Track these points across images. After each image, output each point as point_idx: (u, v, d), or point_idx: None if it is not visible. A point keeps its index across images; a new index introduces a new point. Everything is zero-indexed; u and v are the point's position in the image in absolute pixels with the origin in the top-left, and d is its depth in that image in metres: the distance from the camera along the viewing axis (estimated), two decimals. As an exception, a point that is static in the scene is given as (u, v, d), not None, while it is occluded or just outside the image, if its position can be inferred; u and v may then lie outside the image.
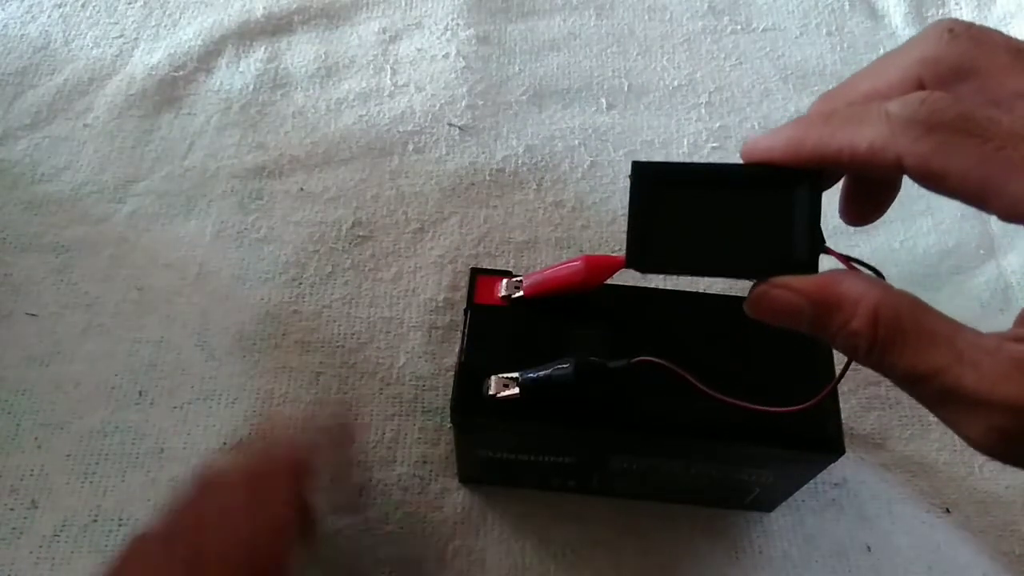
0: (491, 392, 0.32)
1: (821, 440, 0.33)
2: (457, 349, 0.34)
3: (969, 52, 0.21)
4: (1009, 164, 0.19)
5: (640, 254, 0.25)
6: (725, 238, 0.24)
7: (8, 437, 0.43)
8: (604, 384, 0.32)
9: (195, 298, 0.48)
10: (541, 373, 0.32)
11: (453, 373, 0.35)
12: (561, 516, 0.42)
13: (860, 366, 0.22)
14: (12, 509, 0.40)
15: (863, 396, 0.46)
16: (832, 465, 0.43)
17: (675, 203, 0.24)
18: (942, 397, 0.20)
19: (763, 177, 0.23)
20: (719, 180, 0.24)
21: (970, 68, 0.21)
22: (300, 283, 0.49)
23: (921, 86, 0.22)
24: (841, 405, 0.34)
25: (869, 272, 0.23)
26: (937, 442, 0.45)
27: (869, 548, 0.41)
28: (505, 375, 0.32)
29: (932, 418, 0.45)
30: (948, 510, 0.43)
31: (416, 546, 0.41)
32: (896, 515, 0.42)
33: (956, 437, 0.46)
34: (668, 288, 0.37)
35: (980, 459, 0.44)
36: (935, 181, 0.20)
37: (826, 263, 0.24)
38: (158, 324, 0.47)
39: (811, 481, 0.42)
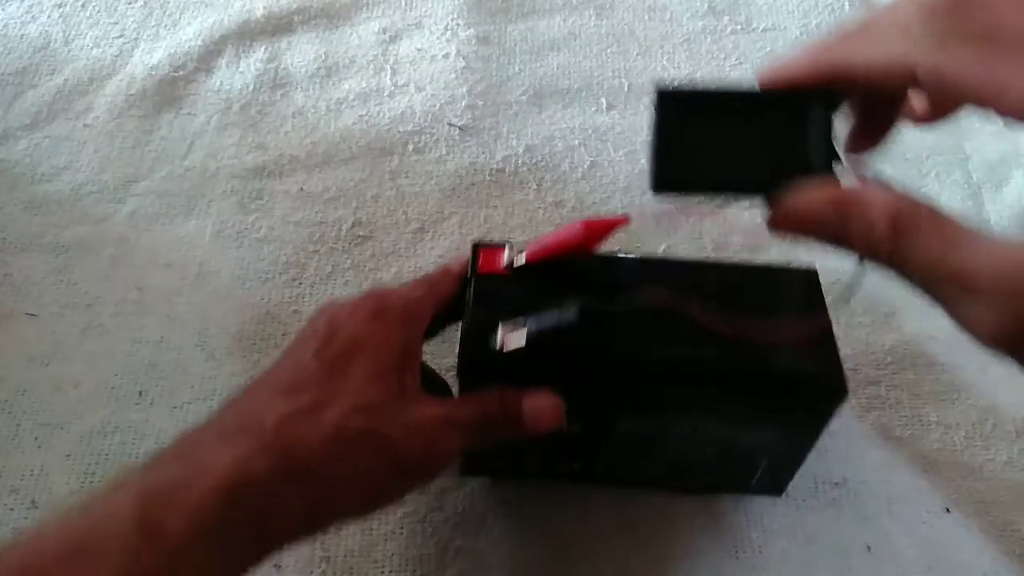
0: (498, 346, 0.33)
1: (823, 381, 0.33)
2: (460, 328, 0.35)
3: None
4: (1016, 62, 0.20)
5: (664, 175, 0.26)
6: (745, 158, 0.25)
7: (8, 437, 0.43)
8: (610, 331, 0.32)
9: (195, 298, 0.48)
10: (547, 321, 0.32)
11: (454, 375, 0.35)
12: (561, 515, 0.42)
13: (861, 367, 0.22)
14: (12, 509, 0.40)
15: (863, 396, 0.46)
16: (832, 465, 0.43)
17: (695, 127, 0.25)
18: (957, 289, 0.21)
19: (780, 99, 0.25)
20: (738, 104, 0.26)
21: None
22: (300, 283, 0.49)
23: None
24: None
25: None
26: (937, 442, 0.45)
27: (869, 548, 0.41)
28: (511, 321, 0.33)
29: (932, 418, 0.46)
30: (948, 510, 0.43)
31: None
32: (896, 515, 0.42)
33: (956, 437, 0.46)
34: (665, 257, 0.38)
35: (980, 459, 0.44)
36: (950, 84, 0.21)
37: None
38: (158, 324, 0.47)
39: (811, 482, 0.42)
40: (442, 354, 0.46)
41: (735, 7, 0.65)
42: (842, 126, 0.27)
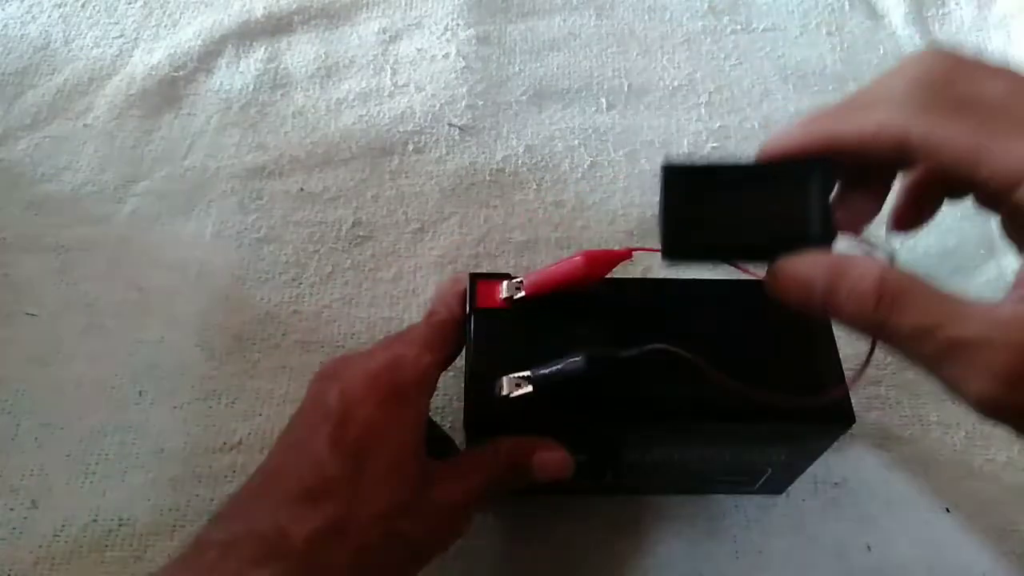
0: (503, 393, 0.32)
1: (831, 412, 0.33)
2: (464, 363, 0.34)
3: (950, 61, 0.24)
4: (995, 131, 0.21)
5: (674, 245, 0.27)
6: (748, 227, 0.26)
7: (8, 437, 0.43)
8: (616, 375, 0.32)
9: (195, 298, 0.48)
10: (553, 368, 0.32)
11: (454, 374, 0.35)
12: (561, 515, 0.41)
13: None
14: (12, 509, 0.40)
15: (863, 396, 0.46)
16: (832, 465, 0.43)
17: (701, 200, 0.27)
18: (944, 351, 0.21)
19: (780, 171, 0.26)
20: (741, 176, 0.27)
21: (953, 69, 0.24)
22: (300, 283, 0.49)
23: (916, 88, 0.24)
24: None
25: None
26: (937, 442, 0.45)
27: (869, 548, 0.41)
28: (516, 375, 0.32)
29: (932, 418, 0.46)
30: (948, 510, 0.43)
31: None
32: (896, 515, 0.42)
33: (956, 437, 0.46)
34: (666, 277, 0.37)
35: (980, 459, 0.44)
36: (934, 151, 0.22)
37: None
38: (158, 324, 0.47)
39: (811, 482, 0.42)
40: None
41: (735, 7, 0.65)
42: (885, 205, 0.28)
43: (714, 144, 0.57)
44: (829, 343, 0.35)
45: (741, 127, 0.58)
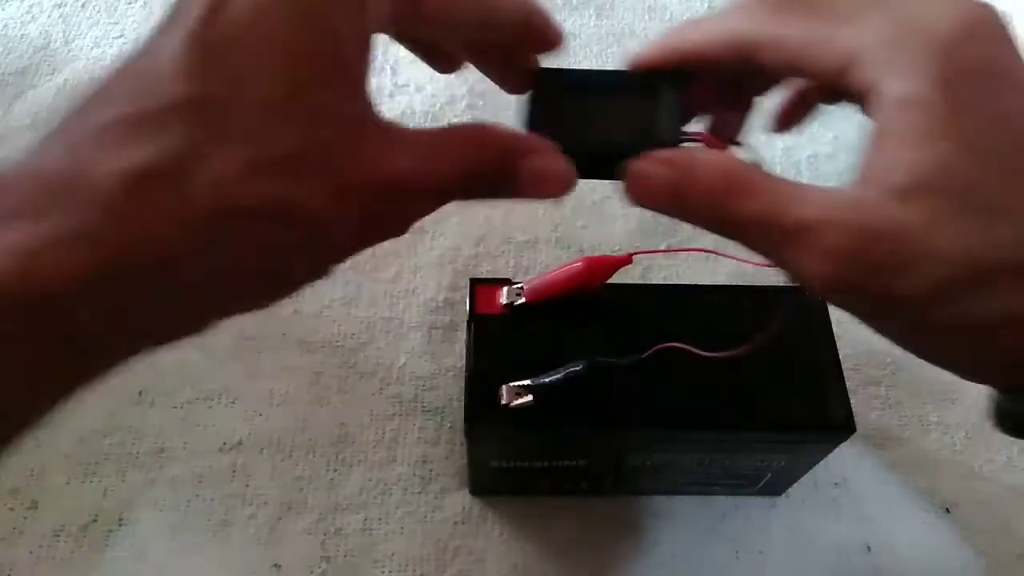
0: (504, 402, 0.32)
1: (832, 421, 0.33)
2: (463, 364, 0.34)
3: None
4: (826, 23, 0.22)
5: (535, 127, 0.28)
6: (601, 131, 0.28)
7: (8, 437, 0.43)
8: (617, 383, 0.32)
9: (195, 298, 0.48)
10: (554, 378, 0.32)
11: (454, 374, 0.35)
12: (561, 516, 0.42)
13: (861, 367, 0.22)
14: (12, 509, 0.40)
15: (863, 396, 0.46)
16: (832, 465, 0.43)
17: (564, 103, 0.28)
18: (788, 234, 0.21)
19: (639, 80, 0.28)
20: (607, 84, 0.29)
21: None
22: (300, 283, 0.49)
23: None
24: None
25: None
26: (937, 442, 0.45)
27: (869, 548, 0.41)
28: (517, 384, 0.32)
29: (932, 418, 0.46)
30: (948, 510, 0.43)
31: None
32: (896, 515, 0.42)
33: (956, 437, 0.46)
34: (665, 283, 0.37)
35: (980, 459, 0.44)
36: (776, 53, 0.23)
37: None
38: (158, 324, 0.47)
39: (811, 482, 0.42)
40: (433, 386, 0.46)
41: (735, 7, 0.65)
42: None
43: (714, 144, 0.57)
44: (831, 348, 0.35)
45: (741, 127, 0.58)
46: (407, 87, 0.59)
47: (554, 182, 0.25)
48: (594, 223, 0.52)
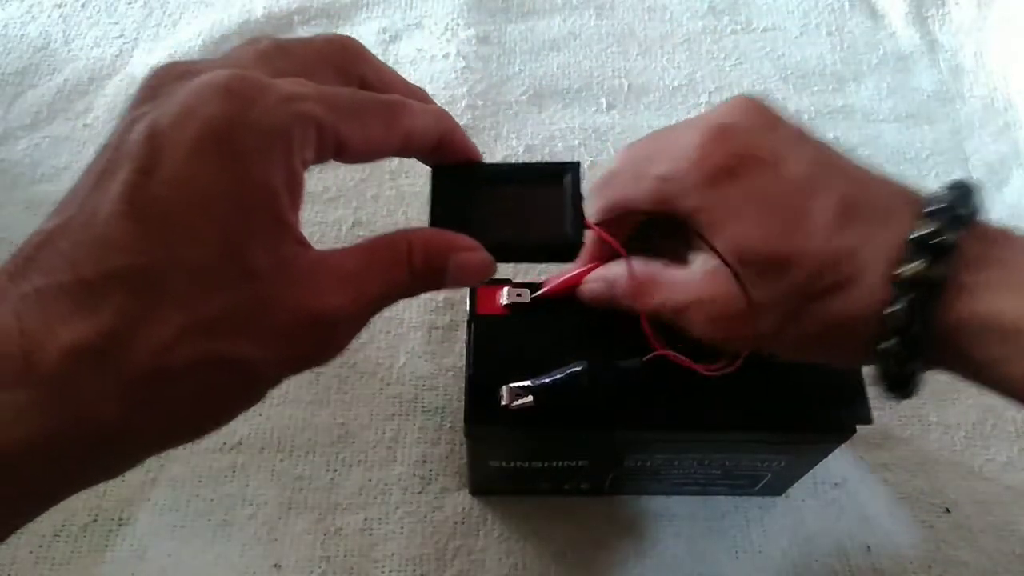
0: (504, 402, 0.32)
1: (831, 422, 0.34)
2: (463, 364, 0.34)
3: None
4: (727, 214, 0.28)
5: (442, 223, 0.28)
6: (506, 224, 0.28)
7: (8, 437, 0.43)
8: (617, 383, 0.32)
9: (195, 298, 0.48)
10: (554, 379, 0.32)
11: (454, 374, 0.35)
12: (561, 516, 0.42)
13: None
14: (12, 509, 0.40)
15: (863, 396, 0.46)
16: (832, 465, 0.43)
17: (467, 198, 0.28)
18: (677, 313, 0.29)
19: (537, 172, 0.29)
20: (504, 177, 0.29)
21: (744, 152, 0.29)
22: (300, 283, 0.49)
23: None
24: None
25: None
26: (937, 442, 0.45)
27: (869, 548, 0.41)
28: (517, 384, 0.32)
29: (932, 418, 0.46)
30: (948, 510, 0.43)
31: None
32: (896, 515, 0.42)
33: (956, 437, 0.46)
34: None
35: (980, 459, 0.44)
36: (688, 218, 0.28)
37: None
38: (158, 324, 0.47)
39: (811, 482, 0.43)
40: (433, 386, 0.46)
41: (735, 7, 0.65)
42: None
43: (714, 144, 0.57)
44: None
45: (741, 127, 0.58)
46: (407, 87, 0.59)
47: (478, 273, 0.26)
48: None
